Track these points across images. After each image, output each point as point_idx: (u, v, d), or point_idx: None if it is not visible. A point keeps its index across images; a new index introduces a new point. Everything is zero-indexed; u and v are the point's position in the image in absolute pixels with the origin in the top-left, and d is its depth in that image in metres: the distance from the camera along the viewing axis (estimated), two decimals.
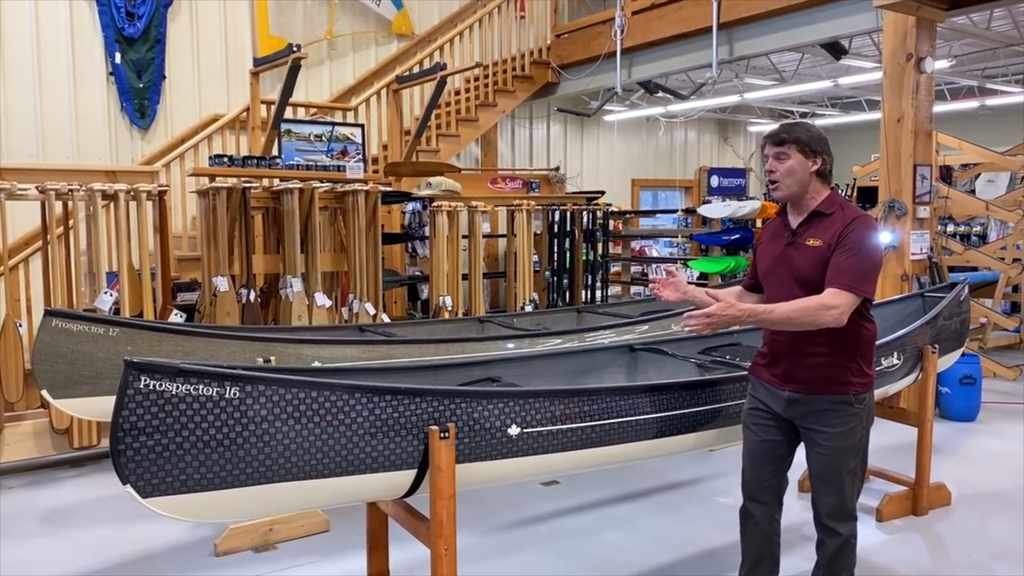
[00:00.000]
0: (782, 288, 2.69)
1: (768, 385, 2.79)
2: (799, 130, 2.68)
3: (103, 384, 3.65)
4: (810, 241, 2.65)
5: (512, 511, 4.22)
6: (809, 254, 2.64)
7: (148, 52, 8.06)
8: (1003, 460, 5.06)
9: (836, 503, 2.70)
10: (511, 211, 6.70)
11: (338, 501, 2.51)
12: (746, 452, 2.89)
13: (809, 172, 2.67)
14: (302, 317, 5.37)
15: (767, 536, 2.87)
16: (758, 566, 2.88)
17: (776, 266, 2.75)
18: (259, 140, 6.97)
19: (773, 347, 2.75)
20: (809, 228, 2.68)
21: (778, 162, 2.68)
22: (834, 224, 2.63)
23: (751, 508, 2.88)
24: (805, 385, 2.67)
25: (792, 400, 2.70)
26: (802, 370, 2.67)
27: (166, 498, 2.28)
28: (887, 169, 5.98)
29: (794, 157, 2.65)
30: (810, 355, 2.65)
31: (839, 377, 2.64)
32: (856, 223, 2.60)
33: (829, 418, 2.65)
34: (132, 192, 5.01)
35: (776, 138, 2.68)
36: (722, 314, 2.47)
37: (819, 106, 11.59)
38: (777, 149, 2.67)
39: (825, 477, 2.69)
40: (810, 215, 2.70)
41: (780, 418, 2.77)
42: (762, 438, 2.82)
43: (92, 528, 4.06)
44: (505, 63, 9.11)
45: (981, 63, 9.06)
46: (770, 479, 2.85)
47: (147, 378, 2.23)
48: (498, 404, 2.62)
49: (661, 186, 12.82)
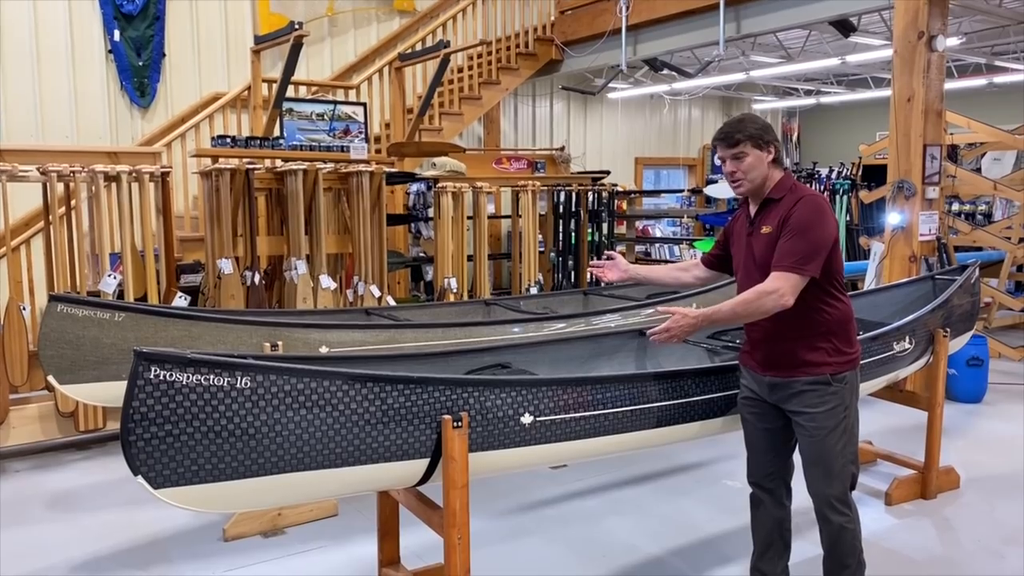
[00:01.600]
0: (748, 279, 2.71)
1: (752, 371, 2.81)
2: (748, 126, 2.67)
3: (109, 369, 3.63)
4: (764, 228, 2.66)
5: (520, 495, 4.21)
6: (764, 241, 2.66)
7: (147, 29, 7.96)
8: (1011, 442, 5.05)
9: (826, 488, 2.68)
10: (516, 192, 6.64)
11: (350, 490, 2.50)
12: (747, 441, 2.90)
13: (766, 163, 2.66)
14: (307, 299, 5.34)
15: (777, 522, 2.87)
16: (767, 551, 2.88)
17: (743, 257, 2.78)
18: (261, 119, 6.89)
19: (751, 335, 2.78)
20: (764, 216, 2.69)
21: (737, 162, 2.66)
22: (784, 208, 2.63)
23: (759, 495, 2.88)
24: (782, 369, 2.69)
25: (773, 385, 2.72)
26: (777, 355, 2.69)
27: (177, 488, 2.27)
28: (896, 149, 5.91)
29: (751, 154, 2.64)
30: (781, 340, 2.67)
31: (812, 358, 2.64)
32: (800, 205, 2.60)
33: (809, 399, 2.65)
34: (134, 173, 4.95)
35: (730, 140, 2.65)
36: (679, 325, 2.59)
37: (824, 83, 11.48)
38: (733, 151, 2.65)
39: (813, 460, 2.69)
40: (763, 203, 2.70)
41: (766, 403, 2.78)
42: (758, 425, 2.83)
43: (98, 512, 4.06)
44: (508, 40, 9.00)
45: (990, 40, 8.96)
46: (773, 465, 2.85)
47: (157, 368, 2.20)
48: (511, 393, 2.59)
49: (665, 164, 12.74)
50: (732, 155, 2.66)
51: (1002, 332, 8.07)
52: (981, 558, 3.50)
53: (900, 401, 4.36)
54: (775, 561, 2.89)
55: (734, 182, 2.70)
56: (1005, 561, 3.47)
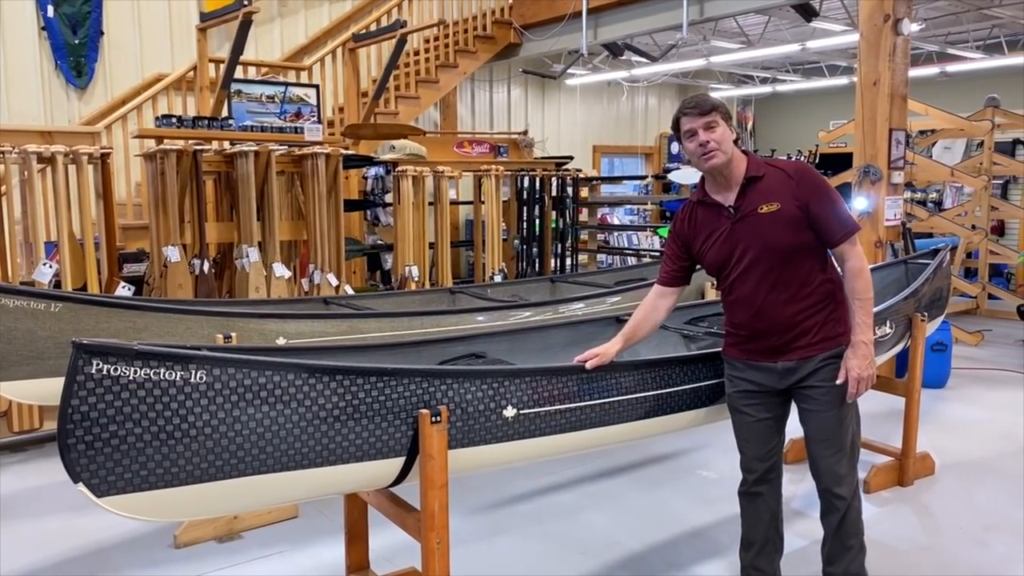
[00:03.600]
0: (750, 266, 2.54)
1: (753, 362, 2.65)
2: (712, 99, 2.56)
3: (45, 365, 3.33)
4: (763, 208, 2.51)
5: (491, 491, 4.02)
6: (772, 221, 2.50)
7: (84, 5, 7.51)
8: (979, 427, 5.04)
9: (834, 465, 2.61)
10: (478, 177, 6.43)
11: (319, 493, 2.28)
12: (743, 435, 2.75)
13: (731, 140, 2.55)
14: (260, 289, 5.06)
15: (773, 515, 2.76)
16: (764, 547, 2.75)
17: (731, 246, 2.57)
18: (207, 101, 6.55)
19: (754, 326, 2.60)
20: (751, 197, 2.54)
21: (710, 131, 2.51)
22: (779, 183, 2.52)
23: (757, 488, 2.74)
24: (800, 351, 2.57)
25: (788, 369, 2.59)
26: (795, 338, 2.56)
27: (124, 496, 2.03)
28: (862, 133, 5.87)
29: (721, 124, 2.53)
30: (801, 322, 2.55)
31: (831, 331, 2.57)
32: (800, 172, 2.54)
33: (826, 373, 2.56)
34: (71, 155, 4.61)
35: (704, 106, 2.52)
36: (863, 369, 2.52)
37: (782, 71, 11.50)
38: (706, 119, 2.51)
39: (825, 436, 2.60)
40: (744, 185, 2.55)
41: (771, 392, 2.65)
42: (757, 417, 2.69)
43: (37, 519, 3.75)
44: (466, 22, 8.76)
45: (945, 28, 9.03)
46: (775, 455, 2.74)
47: (100, 362, 1.96)
48: (492, 384, 2.40)
49: (622, 153, 12.65)
50: (705, 124, 2.50)
51: (957, 318, 8.16)
52: (965, 545, 3.43)
53: (876, 388, 4.27)
54: (772, 557, 2.76)
55: (707, 153, 2.52)
56: (989, 548, 3.40)
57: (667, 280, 2.80)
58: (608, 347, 2.67)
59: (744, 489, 2.78)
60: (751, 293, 2.56)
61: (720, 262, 2.63)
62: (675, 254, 2.77)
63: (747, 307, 2.59)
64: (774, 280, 2.52)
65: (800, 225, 2.49)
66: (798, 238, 2.50)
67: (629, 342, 2.78)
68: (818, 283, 2.54)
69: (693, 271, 2.79)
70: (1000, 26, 9.20)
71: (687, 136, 2.56)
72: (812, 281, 2.53)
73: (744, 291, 2.58)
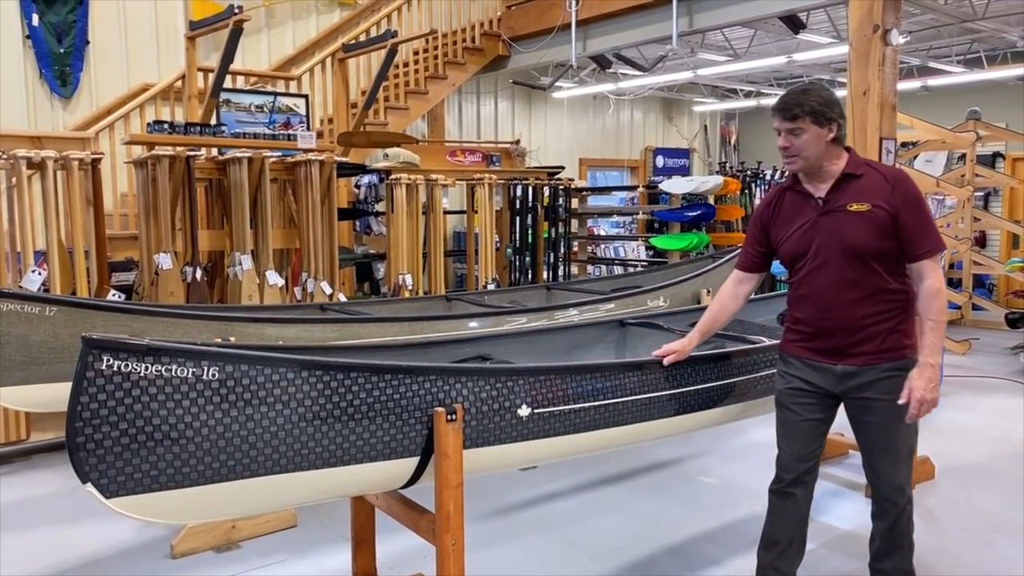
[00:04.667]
0: (828, 261, 2.51)
1: (812, 361, 2.60)
2: (811, 100, 2.48)
3: (39, 370, 3.25)
4: (853, 207, 2.48)
5: (490, 499, 3.97)
6: (858, 220, 2.46)
7: (69, 14, 7.42)
8: (973, 432, 5.06)
9: (892, 473, 2.58)
10: (471, 185, 6.40)
11: (332, 495, 2.22)
12: (786, 433, 2.69)
13: (825, 141, 2.50)
14: (253, 296, 4.99)
15: (802, 517, 2.72)
16: (788, 549, 2.71)
17: (811, 239, 2.54)
18: (196, 111, 6.47)
19: (820, 323, 2.55)
20: (843, 193, 2.51)
21: (793, 137, 2.49)
22: (875, 185, 2.48)
23: (792, 489, 2.68)
24: (864, 357, 2.51)
25: (848, 374, 2.54)
26: (861, 342, 2.51)
27: (133, 498, 1.96)
28: (853, 142, 5.91)
29: (809, 131, 2.48)
30: (869, 326, 2.50)
31: (898, 342, 2.52)
32: (903, 180, 2.49)
33: (887, 385, 2.50)
34: (61, 160, 4.53)
35: (788, 113, 2.48)
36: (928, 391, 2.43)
37: (765, 85, 11.61)
38: (791, 124, 2.48)
39: (883, 447, 2.57)
40: (839, 180, 2.52)
41: (825, 395, 2.60)
42: (805, 417, 2.63)
43: (26, 532, 3.64)
44: (455, 34, 8.76)
45: (927, 42, 9.17)
46: (814, 457, 2.69)
47: (110, 357, 1.90)
48: (507, 382, 2.37)
49: (608, 166, 12.69)
50: (788, 129, 2.49)
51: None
52: (972, 548, 3.42)
53: None
54: (793, 559, 2.73)
55: (787, 158, 2.53)
56: (996, 550, 3.40)
57: (747, 265, 2.78)
58: (685, 342, 2.69)
59: (777, 487, 2.72)
60: (823, 289, 2.52)
61: (797, 252, 2.59)
62: (756, 239, 2.75)
63: (816, 303, 2.54)
64: (849, 279, 2.48)
65: (886, 230, 2.45)
66: (881, 243, 2.46)
67: (707, 334, 2.78)
68: (893, 291, 2.50)
69: (772, 259, 2.75)
70: (980, 40, 9.36)
71: (776, 132, 2.55)
72: (887, 287, 2.48)
73: (816, 286, 2.53)
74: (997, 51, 9.90)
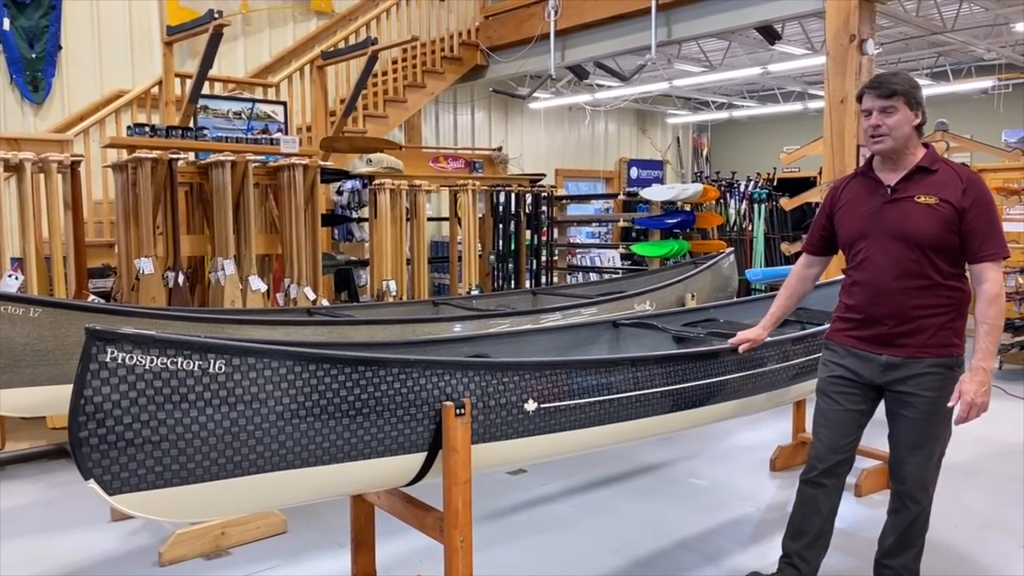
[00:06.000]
0: (886, 247, 2.51)
1: (858, 350, 2.61)
2: (905, 81, 2.51)
3: (22, 373, 3.16)
4: (921, 199, 2.48)
5: (483, 502, 3.93)
6: (923, 213, 2.47)
7: (41, 19, 7.30)
8: (956, 433, 5.10)
9: (922, 471, 2.59)
10: (454, 192, 6.39)
11: (340, 491, 2.18)
12: (824, 422, 2.69)
13: (912, 126, 2.52)
14: (236, 302, 4.91)
15: (832, 510, 2.73)
16: (816, 540, 2.72)
17: (874, 224, 2.55)
18: (173, 116, 6.39)
19: (871, 310, 2.55)
20: (914, 184, 2.51)
21: (886, 116, 2.49)
22: (948, 181, 2.49)
23: (824, 480, 2.69)
24: (909, 349, 2.51)
25: (891, 365, 2.54)
26: (909, 333, 2.51)
27: (138, 494, 1.91)
28: (831, 150, 6.02)
29: (901, 111, 2.49)
30: (919, 318, 2.50)
31: (946, 339, 2.52)
32: (977, 182, 2.49)
33: (930, 381, 2.51)
34: (40, 163, 4.43)
35: (886, 89, 2.48)
36: (979, 395, 2.43)
37: (740, 97, 11.78)
38: (885, 103, 2.49)
39: (917, 443, 2.57)
40: (912, 171, 2.53)
41: (868, 385, 2.61)
42: (845, 407, 2.64)
43: (7, 542, 3.52)
44: (434, 43, 8.77)
45: (896, 54, 9.37)
46: (850, 449, 2.70)
47: (115, 350, 1.85)
48: (514, 377, 2.35)
49: (584, 177, 12.76)
50: (881, 107, 2.48)
51: None
52: (963, 543, 3.46)
53: None
54: (820, 552, 2.74)
55: (875, 136, 2.51)
56: (986, 545, 3.45)
57: (814, 248, 2.81)
58: (758, 330, 2.77)
59: (809, 477, 2.71)
60: (877, 275, 2.51)
61: (857, 235, 2.58)
62: (821, 223, 2.77)
63: (869, 289, 2.54)
64: (905, 268, 2.48)
65: (951, 226, 2.45)
66: (942, 236, 2.45)
67: (779, 320, 2.89)
68: (948, 287, 2.49)
69: (835, 241, 2.74)
70: (946, 55, 9.60)
71: (864, 114, 2.54)
72: (942, 282, 2.48)
73: (871, 271, 2.53)
74: (962, 65, 10.16)
